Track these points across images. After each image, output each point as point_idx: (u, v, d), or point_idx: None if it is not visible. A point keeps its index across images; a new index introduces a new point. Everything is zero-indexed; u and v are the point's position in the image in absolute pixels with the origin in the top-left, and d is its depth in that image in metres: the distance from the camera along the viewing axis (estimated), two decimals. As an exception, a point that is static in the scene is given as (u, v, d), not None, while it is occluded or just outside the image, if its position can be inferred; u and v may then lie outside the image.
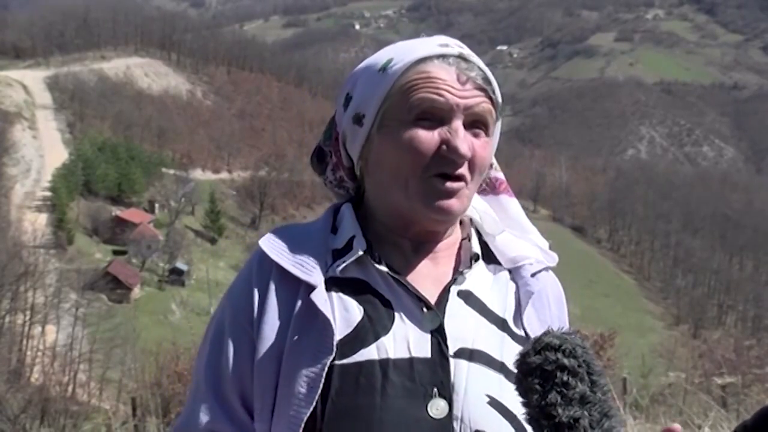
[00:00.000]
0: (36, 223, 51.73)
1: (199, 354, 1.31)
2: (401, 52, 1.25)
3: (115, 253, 55.75)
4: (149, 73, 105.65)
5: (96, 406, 23.35)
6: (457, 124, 1.20)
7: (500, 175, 1.40)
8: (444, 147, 1.19)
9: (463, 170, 1.21)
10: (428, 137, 1.19)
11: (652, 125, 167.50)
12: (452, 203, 1.21)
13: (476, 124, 1.23)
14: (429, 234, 1.28)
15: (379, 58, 1.27)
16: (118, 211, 61.81)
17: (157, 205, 67.34)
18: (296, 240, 1.27)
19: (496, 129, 1.29)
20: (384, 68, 1.24)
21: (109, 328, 34.12)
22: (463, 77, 1.21)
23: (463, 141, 1.19)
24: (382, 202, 1.27)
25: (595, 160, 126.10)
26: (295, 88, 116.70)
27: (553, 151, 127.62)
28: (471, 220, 1.35)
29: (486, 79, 1.23)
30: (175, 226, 63.15)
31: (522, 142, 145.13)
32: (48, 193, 59.83)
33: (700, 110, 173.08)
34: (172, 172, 73.66)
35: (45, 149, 70.41)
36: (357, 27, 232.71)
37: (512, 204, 1.41)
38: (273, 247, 1.25)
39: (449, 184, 1.20)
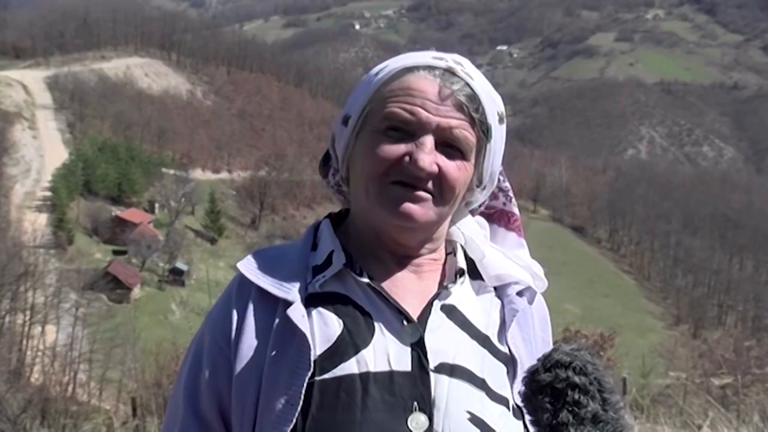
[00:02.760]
0: (36, 223, 51.72)
1: (178, 375, 1.31)
2: (397, 60, 1.26)
3: (115, 253, 55.74)
4: (149, 73, 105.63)
5: (96, 406, 23.36)
6: (426, 139, 1.19)
7: (516, 211, 1.40)
8: (406, 158, 1.19)
9: (428, 186, 1.20)
10: (393, 148, 1.19)
11: (652, 125, 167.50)
12: (414, 208, 1.20)
13: (450, 145, 1.21)
14: (404, 247, 1.27)
15: (380, 65, 1.28)
16: (118, 211, 61.79)
17: (157, 205, 67.33)
18: (275, 260, 1.27)
19: (488, 153, 1.27)
20: (376, 74, 1.26)
21: (109, 328, 34.12)
22: (445, 91, 1.19)
23: (427, 155, 1.18)
24: (356, 209, 1.29)
25: (595, 160, 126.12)
26: (295, 88, 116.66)
27: (553, 151, 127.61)
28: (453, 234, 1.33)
29: (471, 97, 1.22)
30: (175, 226, 63.15)
31: (522, 142, 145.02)
32: (48, 193, 59.81)
33: (700, 110, 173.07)
34: (172, 172, 73.63)
35: (45, 149, 70.40)
36: (357, 27, 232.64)
37: (517, 244, 1.40)
38: (251, 268, 1.25)
39: (413, 192, 1.20)
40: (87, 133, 74.63)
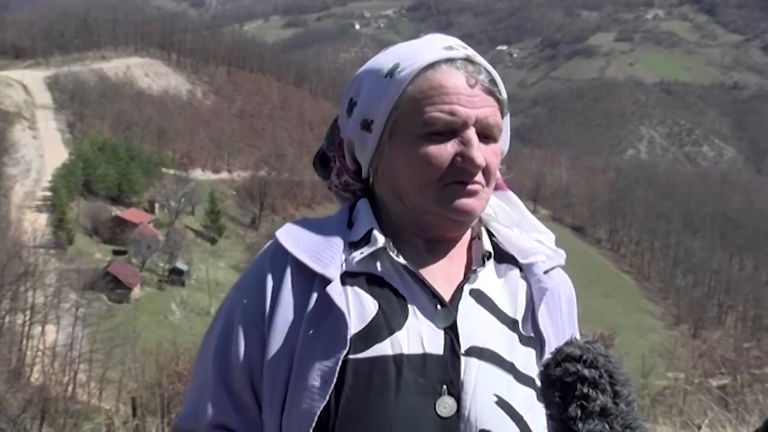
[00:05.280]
0: (36, 223, 51.72)
1: (204, 345, 1.28)
2: (407, 57, 1.24)
3: (115, 253, 55.74)
4: (149, 73, 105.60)
5: (96, 406, 23.39)
6: (470, 134, 1.21)
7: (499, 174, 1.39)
8: (459, 158, 1.20)
9: (478, 178, 1.23)
10: (442, 151, 1.20)
11: (652, 125, 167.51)
12: (473, 203, 1.23)
13: (487, 134, 1.24)
14: (445, 237, 1.28)
15: (384, 62, 1.27)
16: (118, 211, 61.79)
17: (157, 205, 67.34)
18: (313, 233, 1.27)
19: (505, 126, 1.30)
20: (391, 74, 1.24)
21: (109, 328, 34.12)
22: (471, 80, 1.21)
23: (478, 151, 1.20)
24: (395, 207, 1.27)
25: (595, 160, 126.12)
26: (295, 88, 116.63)
27: (553, 151, 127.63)
28: (480, 219, 1.33)
29: (492, 81, 1.24)
30: (175, 226, 63.15)
31: (522, 142, 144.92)
32: (48, 193, 59.81)
33: (700, 110, 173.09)
34: (172, 172, 73.65)
35: (45, 149, 70.39)
36: (357, 27, 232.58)
37: (518, 200, 1.40)
38: (289, 239, 1.25)
39: (468, 187, 1.22)
40: (87, 133, 74.63)
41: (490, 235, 1.34)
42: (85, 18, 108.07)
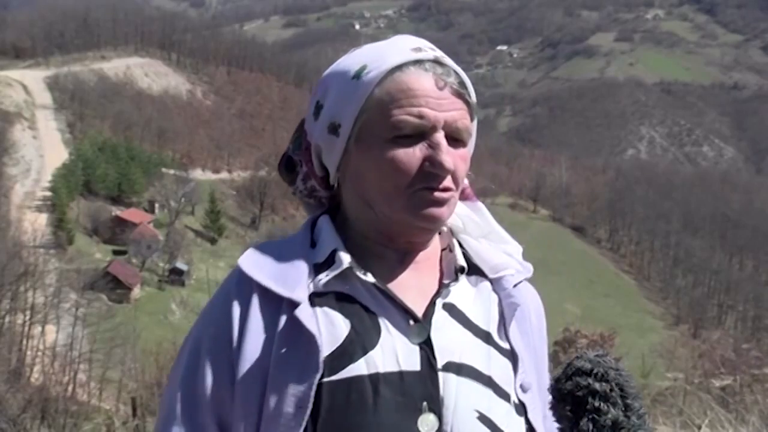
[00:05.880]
0: (36, 223, 51.70)
1: (171, 376, 1.25)
2: (374, 59, 1.21)
3: (115, 253, 55.74)
4: (149, 73, 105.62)
5: (96, 406, 23.40)
6: (439, 137, 1.17)
7: (465, 181, 1.33)
8: (427, 163, 1.17)
9: (448, 183, 1.19)
10: (410, 155, 1.17)
11: (652, 125, 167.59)
12: (442, 211, 1.19)
13: (456, 137, 1.20)
14: (413, 244, 1.25)
15: (351, 63, 1.23)
16: (118, 211, 61.78)
17: (157, 205, 67.35)
18: (276, 256, 1.22)
19: (473, 131, 1.27)
20: (358, 76, 1.20)
21: (109, 328, 34.12)
22: (440, 82, 1.18)
23: (447, 155, 1.17)
24: (363, 213, 1.23)
25: (595, 160, 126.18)
26: (295, 88, 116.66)
27: (553, 151, 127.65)
28: (450, 229, 1.31)
29: (462, 83, 1.21)
30: (175, 226, 63.16)
31: (522, 142, 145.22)
32: (48, 193, 59.81)
33: (700, 110, 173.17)
34: (172, 172, 73.64)
35: (45, 149, 70.39)
36: (357, 27, 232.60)
37: (486, 211, 1.36)
38: (252, 265, 1.21)
39: (437, 194, 1.18)
40: (87, 133, 74.64)
41: (460, 245, 1.30)
42: (85, 18, 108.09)
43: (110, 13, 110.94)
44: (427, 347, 1.16)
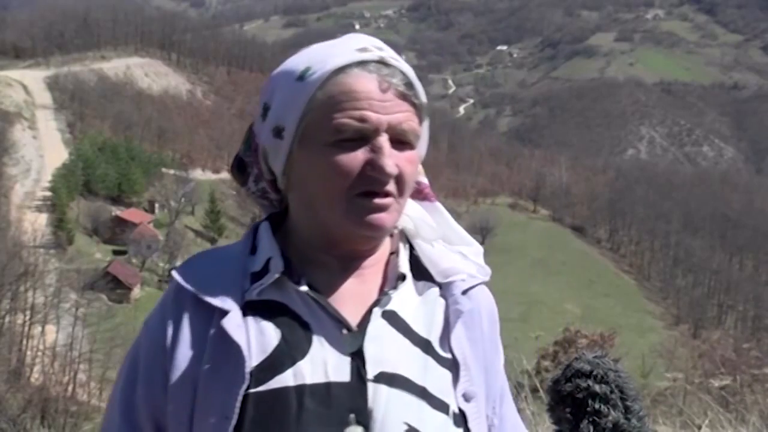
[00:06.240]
0: (36, 223, 51.68)
1: (114, 385, 1.27)
2: (319, 59, 1.18)
3: (115, 253, 55.76)
4: (149, 73, 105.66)
5: (96, 406, 23.38)
6: (382, 140, 1.14)
7: (424, 180, 1.32)
8: (369, 167, 1.14)
9: (390, 187, 1.16)
10: (352, 159, 1.14)
11: (652, 125, 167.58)
12: (383, 218, 1.16)
13: (401, 140, 1.17)
14: (358, 251, 1.22)
15: (297, 64, 1.20)
16: (118, 211, 61.80)
17: (157, 205, 67.37)
18: (212, 266, 1.22)
19: (424, 132, 1.23)
20: (302, 77, 1.17)
21: (109, 328, 34.08)
22: (384, 84, 1.15)
23: (389, 158, 1.14)
24: (306, 219, 1.21)
25: (595, 160, 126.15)
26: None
27: (553, 151, 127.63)
28: (402, 231, 1.29)
29: (409, 84, 1.18)
30: (175, 226, 63.16)
31: (522, 142, 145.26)
32: (48, 193, 59.81)
33: (700, 110, 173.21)
34: (172, 172, 73.66)
35: (45, 149, 70.41)
36: (357, 27, 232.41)
37: (445, 211, 1.33)
38: (187, 275, 1.21)
39: (377, 201, 1.15)
40: (87, 133, 74.65)
41: (412, 248, 1.28)
42: (85, 18, 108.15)
43: (110, 13, 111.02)
44: (358, 358, 1.14)
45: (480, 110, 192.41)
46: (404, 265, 1.24)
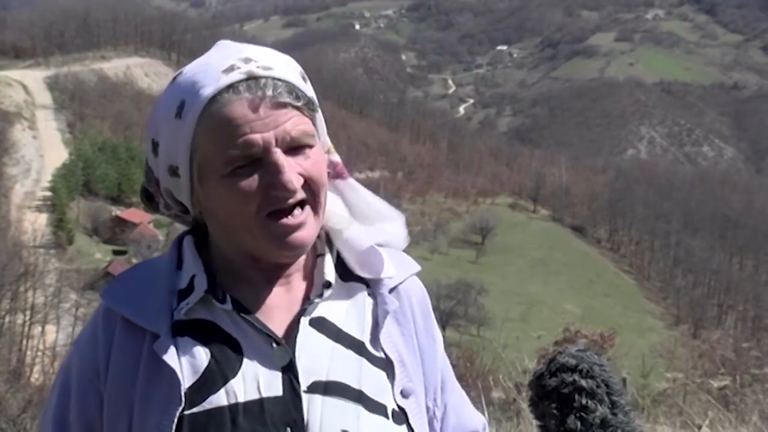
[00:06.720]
0: (36, 223, 51.72)
1: (45, 405, 1.24)
2: (190, 92, 1.14)
3: (115, 253, 55.78)
4: (149, 73, 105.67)
5: (96, 406, 23.34)
6: (275, 158, 1.11)
7: (337, 158, 1.29)
8: (271, 187, 1.11)
9: (300, 196, 1.14)
10: (252, 183, 1.11)
11: (652, 125, 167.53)
12: (300, 236, 1.14)
13: (296, 145, 1.14)
14: (280, 265, 1.21)
15: (172, 99, 1.16)
16: (118, 211, 61.84)
17: (157, 205, 67.43)
18: (139, 285, 1.20)
19: (319, 123, 1.21)
20: (179, 114, 1.14)
21: (109, 328, 34.10)
22: (255, 102, 1.11)
23: (288, 173, 1.11)
24: (226, 242, 1.19)
25: (595, 160, 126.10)
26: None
27: (553, 151, 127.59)
28: (327, 234, 1.27)
29: (284, 88, 1.14)
30: (175, 226, 63.02)
31: (522, 142, 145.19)
32: (48, 193, 59.84)
33: (700, 110, 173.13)
34: (172, 172, 73.66)
35: (45, 149, 70.43)
36: (357, 27, 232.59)
37: (359, 186, 1.30)
38: (115, 297, 1.20)
39: (289, 221, 1.13)
40: (87, 133, 74.66)
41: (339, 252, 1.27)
42: (85, 18, 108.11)
43: (110, 13, 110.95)
44: (290, 370, 1.13)
45: (480, 110, 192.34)
46: (329, 272, 1.22)
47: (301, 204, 1.15)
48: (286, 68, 1.17)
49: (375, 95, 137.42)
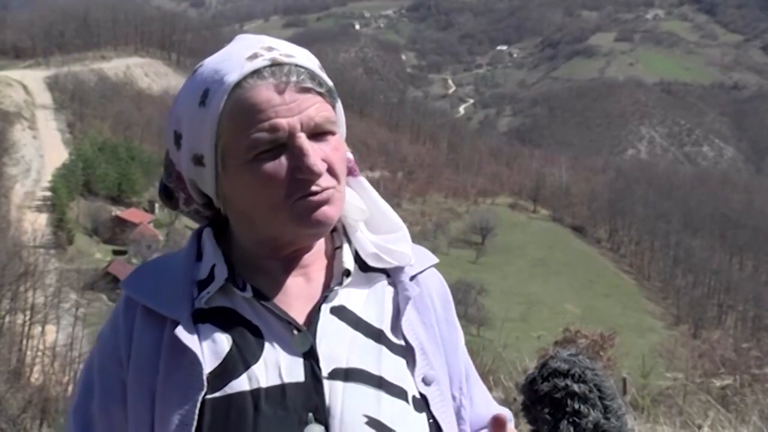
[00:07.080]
0: (36, 223, 51.70)
1: (72, 401, 1.27)
2: (214, 80, 1.17)
3: (115, 253, 55.78)
4: (149, 73, 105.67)
5: (96, 406, 23.33)
6: (300, 142, 1.14)
7: (350, 155, 1.30)
8: (296, 171, 1.14)
9: (326, 182, 1.16)
10: (278, 168, 1.14)
11: (652, 125, 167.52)
12: (327, 210, 1.16)
13: (320, 132, 1.17)
14: (298, 251, 1.23)
15: (195, 88, 1.20)
16: (118, 211, 61.84)
17: (157, 205, 67.31)
18: (160, 275, 1.23)
19: (339, 114, 1.23)
20: (203, 102, 1.17)
21: (109, 328, 34.08)
22: (281, 87, 1.14)
23: (313, 157, 1.14)
24: (248, 231, 1.22)
25: (595, 160, 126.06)
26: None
27: (553, 151, 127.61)
28: (344, 226, 1.28)
29: (309, 74, 1.17)
30: (175, 226, 63.14)
31: (522, 142, 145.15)
32: (48, 193, 59.83)
33: (700, 110, 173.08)
34: (172, 172, 73.66)
35: (45, 149, 70.43)
36: (357, 27, 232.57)
37: (369, 186, 1.32)
38: (136, 286, 1.22)
39: (318, 198, 1.15)
40: (87, 133, 74.65)
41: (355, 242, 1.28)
42: (85, 18, 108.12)
43: (110, 13, 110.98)
44: (311, 357, 1.15)
45: (480, 110, 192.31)
46: (348, 261, 1.24)
47: (326, 188, 1.17)
48: (306, 57, 1.21)
49: (375, 95, 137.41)
